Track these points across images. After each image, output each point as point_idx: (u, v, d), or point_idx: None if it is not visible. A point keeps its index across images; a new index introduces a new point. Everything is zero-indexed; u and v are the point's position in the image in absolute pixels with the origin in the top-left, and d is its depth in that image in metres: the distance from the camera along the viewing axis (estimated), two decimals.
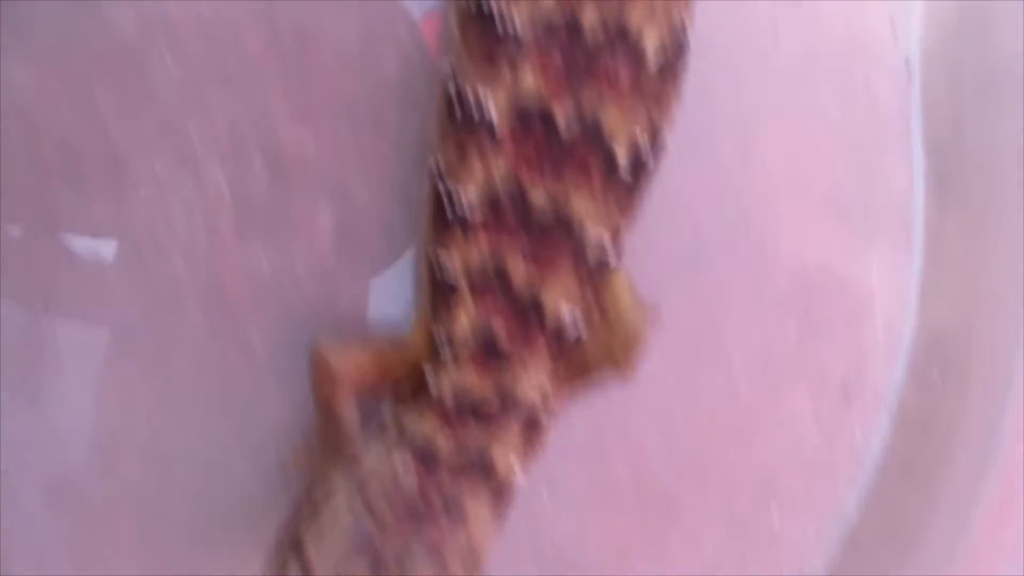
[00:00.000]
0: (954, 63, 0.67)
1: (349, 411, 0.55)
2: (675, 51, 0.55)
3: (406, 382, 0.55)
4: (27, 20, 0.57)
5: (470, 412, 0.53)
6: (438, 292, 0.54)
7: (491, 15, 0.53)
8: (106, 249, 0.58)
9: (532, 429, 0.54)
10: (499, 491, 0.52)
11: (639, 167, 0.54)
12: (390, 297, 0.60)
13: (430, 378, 0.54)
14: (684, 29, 0.55)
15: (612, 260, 0.55)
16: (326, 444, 0.55)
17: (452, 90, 0.54)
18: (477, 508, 0.51)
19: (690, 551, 0.66)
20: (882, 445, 0.69)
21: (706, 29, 0.59)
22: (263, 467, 0.59)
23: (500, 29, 0.53)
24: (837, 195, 0.67)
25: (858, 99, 0.67)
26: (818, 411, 0.68)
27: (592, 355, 0.57)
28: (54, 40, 0.57)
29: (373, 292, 0.60)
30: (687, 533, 0.66)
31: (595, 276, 0.55)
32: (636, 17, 0.53)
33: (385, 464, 0.51)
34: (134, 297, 0.58)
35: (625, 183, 0.54)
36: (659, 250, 0.63)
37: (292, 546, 0.48)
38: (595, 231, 0.54)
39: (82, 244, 0.58)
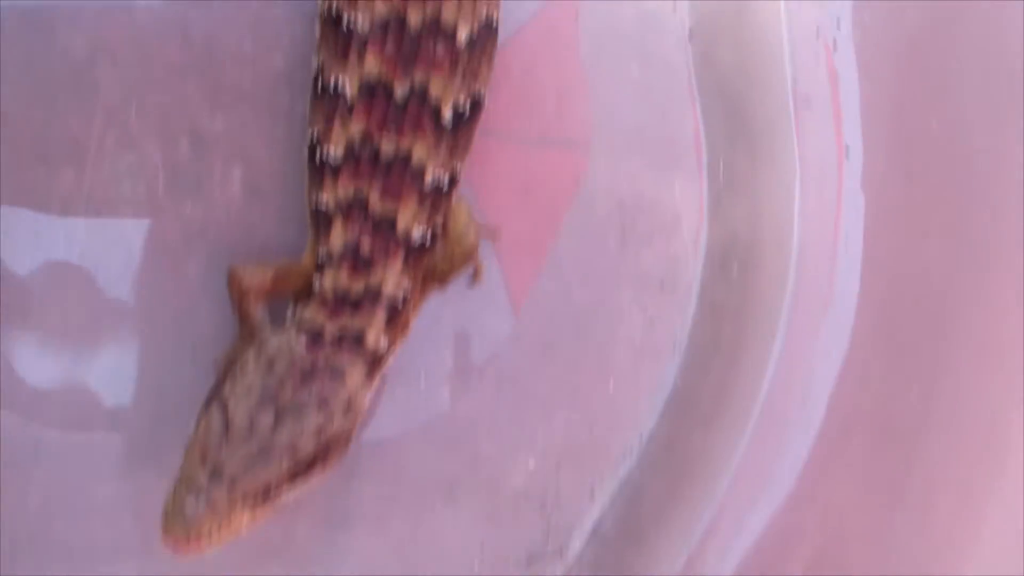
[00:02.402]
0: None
1: (259, 312, 0.74)
2: (485, 37, 0.74)
3: (302, 288, 0.74)
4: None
5: (346, 303, 0.71)
6: (318, 221, 0.73)
7: (340, 19, 0.73)
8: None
9: (394, 314, 0.73)
10: (371, 360, 0.71)
11: (460, 121, 0.74)
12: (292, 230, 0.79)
13: (316, 282, 0.73)
14: (491, 20, 0.74)
15: (447, 190, 0.74)
16: (243, 337, 0.74)
17: (319, 77, 0.74)
18: (354, 372, 0.70)
19: (544, 424, 0.85)
20: (695, 327, 0.88)
21: None
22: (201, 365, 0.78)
23: (347, 28, 0.72)
24: (642, 136, 0.87)
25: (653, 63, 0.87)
26: (642, 304, 0.87)
27: (438, 262, 0.76)
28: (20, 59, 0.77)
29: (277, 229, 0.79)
30: (540, 409, 0.85)
31: (435, 203, 0.74)
32: (449, 14, 0.72)
33: (285, 343, 0.70)
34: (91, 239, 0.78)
35: (451, 133, 0.73)
36: (500, 186, 0.83)
37: (216, 401, 0.67)
38: (432, 170, 0.73)
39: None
